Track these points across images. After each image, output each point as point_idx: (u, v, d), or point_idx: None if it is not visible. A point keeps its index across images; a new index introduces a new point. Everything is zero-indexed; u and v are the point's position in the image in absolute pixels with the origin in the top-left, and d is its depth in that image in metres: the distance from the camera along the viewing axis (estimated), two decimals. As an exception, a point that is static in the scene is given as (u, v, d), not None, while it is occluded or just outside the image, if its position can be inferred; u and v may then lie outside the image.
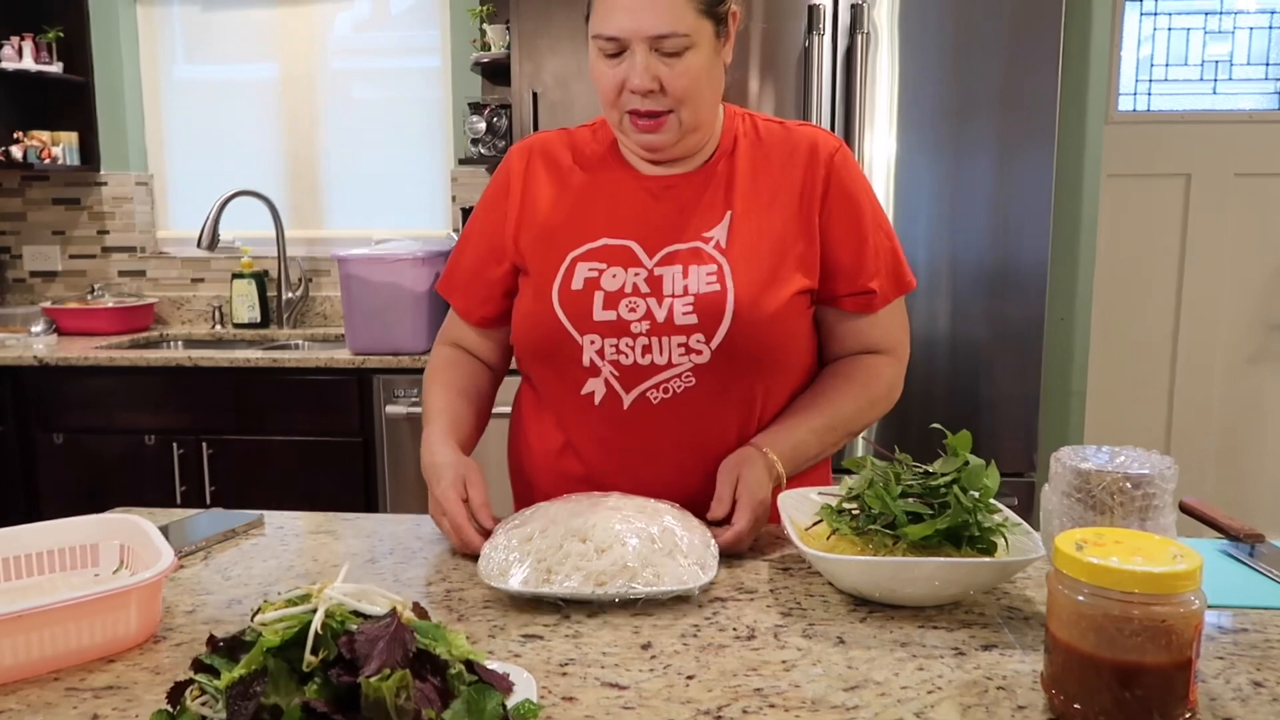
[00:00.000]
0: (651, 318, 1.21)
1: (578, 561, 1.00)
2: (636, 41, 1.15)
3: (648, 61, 1.15)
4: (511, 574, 1.00)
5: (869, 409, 1.30)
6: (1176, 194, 3.25)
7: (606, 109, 1.22)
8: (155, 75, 3.49)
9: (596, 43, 1.18)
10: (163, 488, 2.78)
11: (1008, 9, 2.29)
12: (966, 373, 2.42)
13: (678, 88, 1.17)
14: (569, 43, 2.86)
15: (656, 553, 1.00)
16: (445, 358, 1.40)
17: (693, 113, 1.20)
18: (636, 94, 1.17)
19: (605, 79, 1.19)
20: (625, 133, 1.23)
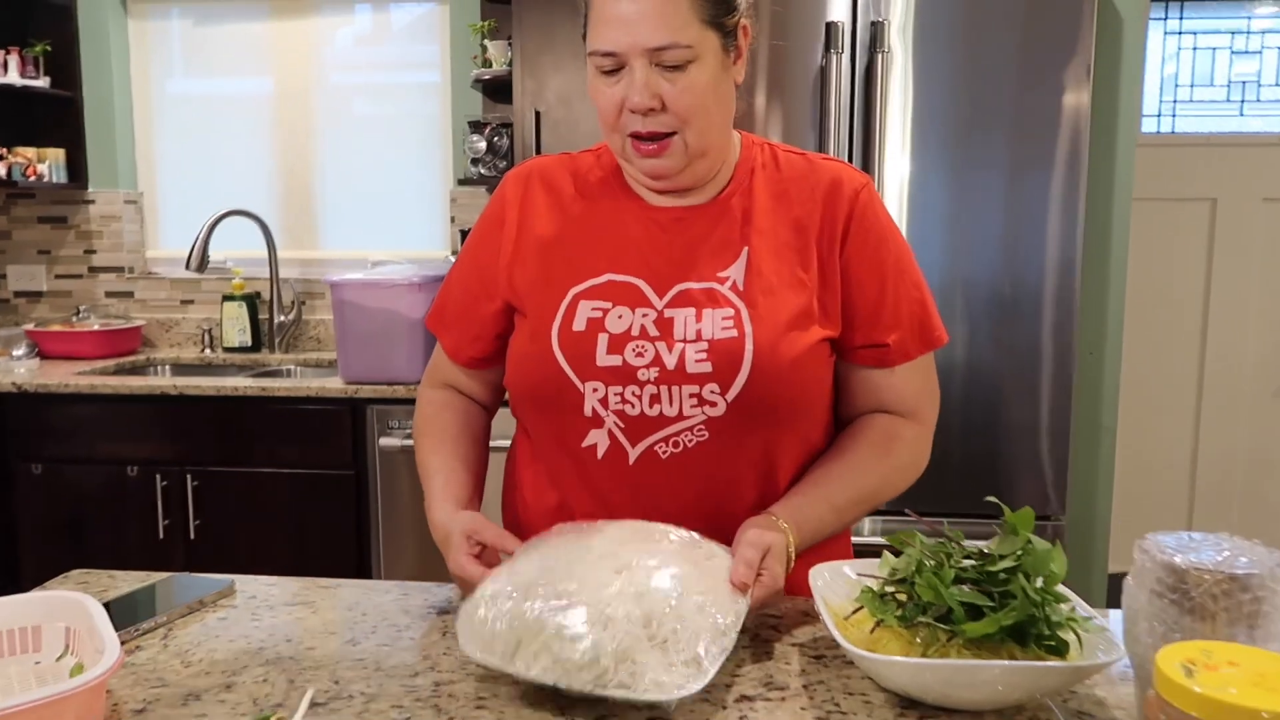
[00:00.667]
0: (661, 364, 1.09)
1: (549, 641, 0.86)
2: (635, 56, 1.04)
3: (648, 77, 1.04)
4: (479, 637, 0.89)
5: (894, 479, 1.18)
6: (1202, 219, 3.13)
7: (608, 133, 1.11)
8: (146, 90, 3.38)
9: (594, 60, 1.07)
10: (145, 521, 2.66)
11: (1028, 27, 2.18)
12: (984, 404, 2.29)
13: (681, 105, 1.06)
14: (573, 60, 2.75)
15: (641, 641, 0.85)
16: (435, 403, 1.28)
17: (699, 135, 1.09)
18: (637, 113, 1.06)
19: (604, 99, 1.08)
20: (628, 159, 1.11)
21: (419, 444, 1.25)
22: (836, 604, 0.98)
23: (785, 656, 0.97)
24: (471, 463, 1.21)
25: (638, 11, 1.03)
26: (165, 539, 2.66)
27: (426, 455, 1.22)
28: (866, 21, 2.20)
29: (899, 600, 0.92)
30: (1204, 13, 3.08)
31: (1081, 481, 2.49)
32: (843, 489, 1.14)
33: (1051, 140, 2.21)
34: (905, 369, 1.17)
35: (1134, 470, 3.13)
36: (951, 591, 0.87)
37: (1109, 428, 2.48)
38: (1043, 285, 2.25)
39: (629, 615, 0.86)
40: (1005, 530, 0.92)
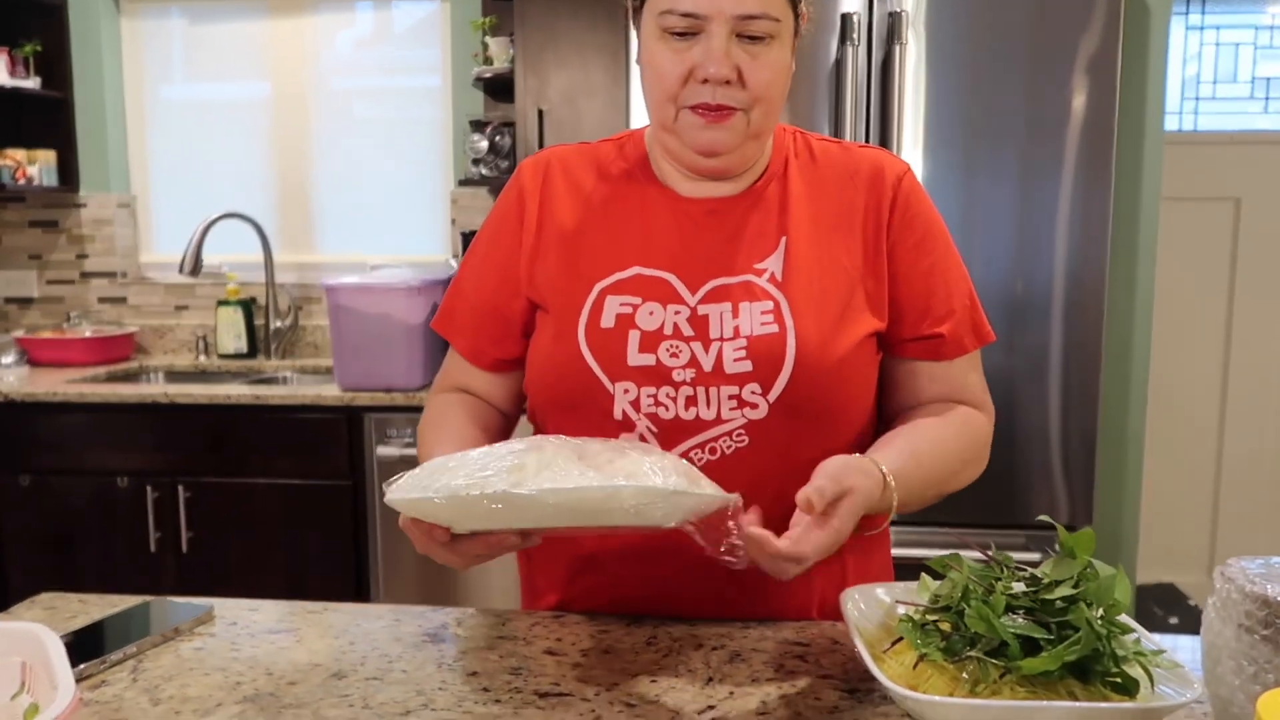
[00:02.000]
0: (697, 365, 1.00)
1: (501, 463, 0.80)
2: (718, 22, 0.95)
3: (728, 46, 0.95)
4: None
5: (970, 461, 1.07)
6: (1225, 219, 3.04)
7: (660, 103, 1.00)
8: (139, 91, 3.30)
9: (665, 20, 0.97)
10: (135, 534, 2.57)
11: (1048, 19, 2.09)
12: (1004, 410, 2.19)
13: (758, 81, 0.97)
14: (576, 57, 2.67)
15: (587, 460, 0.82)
16: (444, 402, 1.16)
17: (764, 116, 1.00)
18: (710, 84, 0.96)
19: (668, 65, 0.98)
20: (679, 131, 1.00)
21: (421, 443, 1.12)
22: (871, 632, 0.89)
23: (815, 691, 0.88)
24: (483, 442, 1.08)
25: None
26: (156, 552, 2.57)
27: (429, 445, 1.08)
28: (883, 13, 2.11)
29: (942, 630, 0.83)
30: (1226, 8, 2.99)
31: (1108, 490, 2.39)
32: (927, 452, 1.01)
33: (1074, 137, 2.12)
34: (962, 362, 1.08)
35: (1156, 476, 3.04)
36: (1004, 622, 0.78)
37: (1136, 436, 2.39)
38: (1065, 287, 2.16)
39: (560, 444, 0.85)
40: (1061, 552, 0.83)
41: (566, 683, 0.90)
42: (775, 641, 0.99)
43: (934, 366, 1.07)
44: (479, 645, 0.99)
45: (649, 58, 1.00)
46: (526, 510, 0.80)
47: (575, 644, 0.99)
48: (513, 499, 0.78)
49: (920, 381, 1.08)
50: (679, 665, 0.93)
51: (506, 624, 1.04)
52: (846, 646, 0.97)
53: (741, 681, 0.90)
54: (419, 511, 0.84)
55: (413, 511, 0.85)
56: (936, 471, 1.03)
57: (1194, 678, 0.75)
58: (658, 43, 0.99)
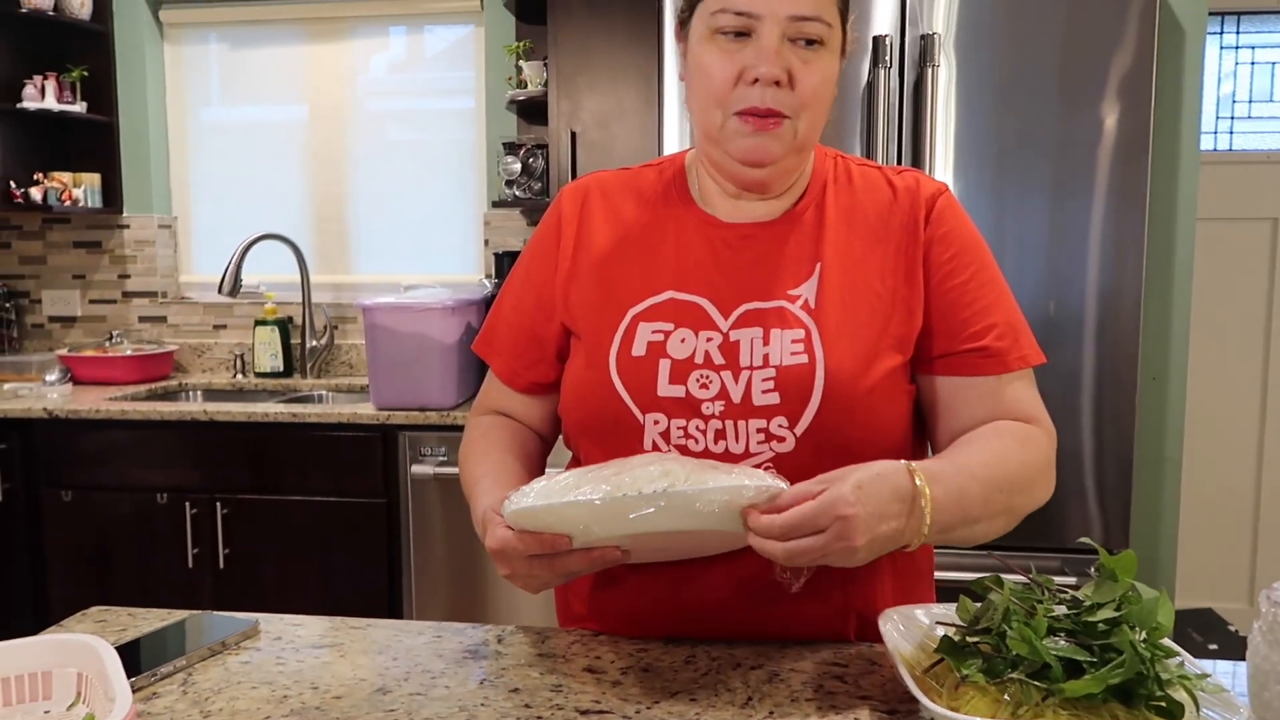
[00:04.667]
0: (726, 396, 1.01)
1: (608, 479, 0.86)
2: (771, 21, 0.96)
3: (779, 47, 0.96)
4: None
5: (1032, 477, 0.99)
6: (1263, 239, 3.01)
7: (709, 108, 1.00)
8: (181, 115, 3.38)
9: (718, 19, 0.98)
10: (174, 550, 2.61)
11: (1081, 40, 2.09)
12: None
13: (808, 86, 0.98)
14: (608, 80, 2.70)
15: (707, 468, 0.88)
16: (483, 425, 1.17)
17: (810, 125, 1.01)
18: (760, 84, 0.96)
19: (719, 66, 0.98)
20: (726, 139, 1.00)
21: (464, 465, 1.14)
22: (909, 654, 0.89)
23: (854, 711, 0.89)
24: (524, 473, 1.10)
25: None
26: (194, 568, 2.61)
27: (471, 469, 1.10)
28: (915, 35, 2.12)
29: (982, 652, 0.83)
30: (1262, 27, 2.98)
31: (1144, 514, 2.37)
32: (981, 465, 0.96)
33: (1107, 157, 2.11)
34: (1014, 378, 1.04)
35: (1194, 500, 3.00)
36: (1047, 644, 0.78)
37: (1173, 459, 2.36)
38: (1099, 308, 2.15)
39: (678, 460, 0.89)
40: (1103, 575, 0.83)
41: (607, 700, 0.91)
42: (813, 662, 0.99)
43: (979, 383, 1.03)
44: (520, 662, 1.00)
45: (697, 61, 1.01)
46: (670, 511, 0.84)
47: (614, 662, 1.00)
48: (670, 499, 0.83)
49: (966, 398, 1.04)
50: (718, 685, 0.94)
51: (546, 641, 1.05)
52: (885, 668, 0.97)
53: (780, 702, 0.90)
54: (558, 518, 0.86)
55: (551, 519, 0.87)
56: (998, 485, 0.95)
57: (1239, 703, 0.75)
58: (708, 44, 0.99)
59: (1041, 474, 1.02)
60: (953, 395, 1.05)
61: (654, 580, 1.05)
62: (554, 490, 0.86)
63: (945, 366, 1.05)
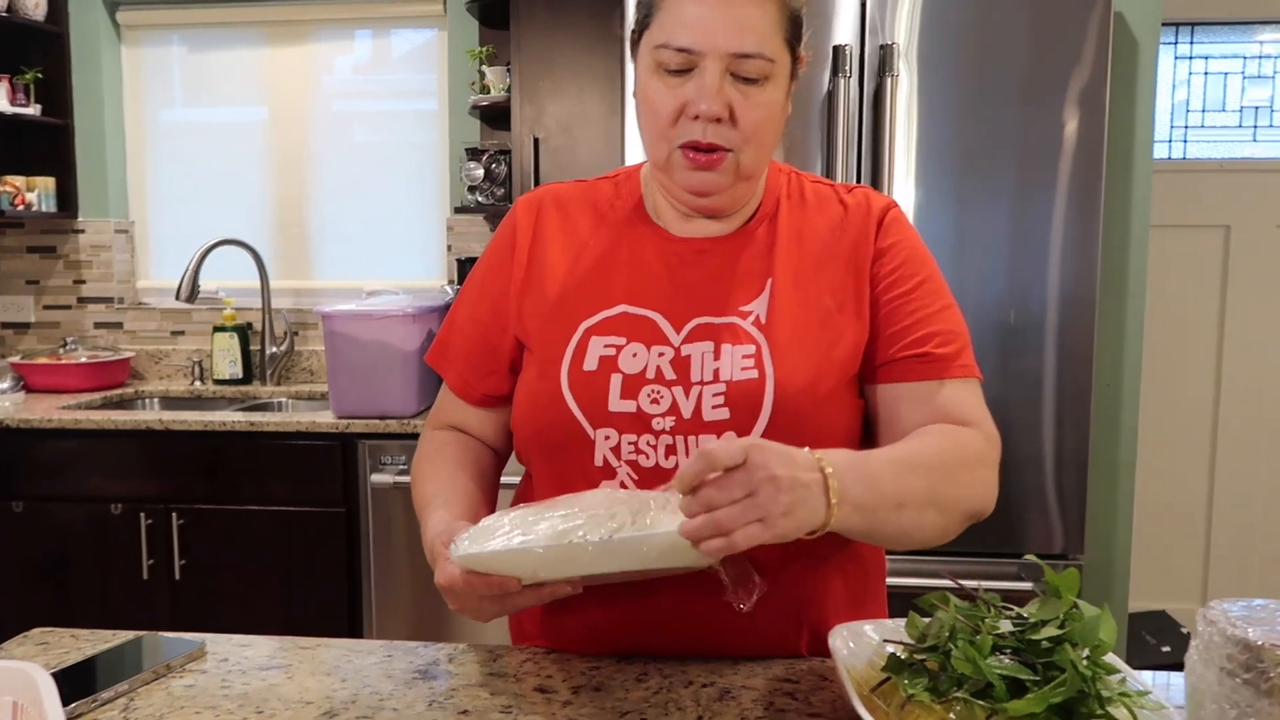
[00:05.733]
0: (677, 412, 1.01)
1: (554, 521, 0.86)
2: (712, 58, 0.96)
3: (721, 84, 0.96)
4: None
5: (956, 467, 0.98)
6: (1215, 247, 3.07)
7: (654, 140, 1.02)
8: (139, 118, 3.32)
9: (660, 54, 0.98)
10: (129, 561, 2.57)
11: (1038, 50, 2.12)
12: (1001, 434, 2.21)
13: (750, 121, 0.98)
14: (573, 86, 2.69)
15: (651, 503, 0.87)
16: (436, 441, 1.17)
17: (754, 157, 1.01)
18: (701, 120, 0.97)
19: (662, 99, 0.99)
20: (672, 170, 1.02)
21: (415, 482, 1.14)
22: (860, 671, 0.89)
23: (804, 730, 0.89)
24: (476, 491, 1.10)
25: (727, 12, 0.96)
26: (150, 579, 2.57)
27: (423, 488, 1.11)
28: (875, 45, 2.14)
29: (929, 670, 0.83)
30: (1215, 38, 3.03)
31: (1099, 518, 2.40)
32: (892, 449, 0.96)
33: (1063, 166, 2.14)
34: (956, 385, 1.03)
35: (1148, 503, 3.04)
36: (990, 663, 0.78)
37: (1127, 463, 2.40)
38: (1056, 314, 2.17)
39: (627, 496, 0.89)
40: (1047, 592, 0.83)
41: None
42: (765, 679, 0.99)
43: (919, 388, 1.03)
44: (470, 682, 0.99)
45: (643, 92, 1.02)
46: (616, 554, 0.84)
47: (566, 682, 0.99)
48: (615, 545, 0.83)
49: (906, 405, 1.03)
50: (669, 703, 0.94)
51: (498, 660, 1.05)
52: (836, 684, 0.98)
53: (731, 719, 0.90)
54: (505, 563, 0.86)
55: (498, 564, 0.87)
56: (913, 464, 0.94)
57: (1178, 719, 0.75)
58: (652, 77, 1.00)
59: (970, 468, 0.99)
60: (894, 402, 1.05)
61: (606, 598, 1.04)
62: (500, 535, 0.86)
63: (887, 374, 1.05)
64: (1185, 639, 2.67)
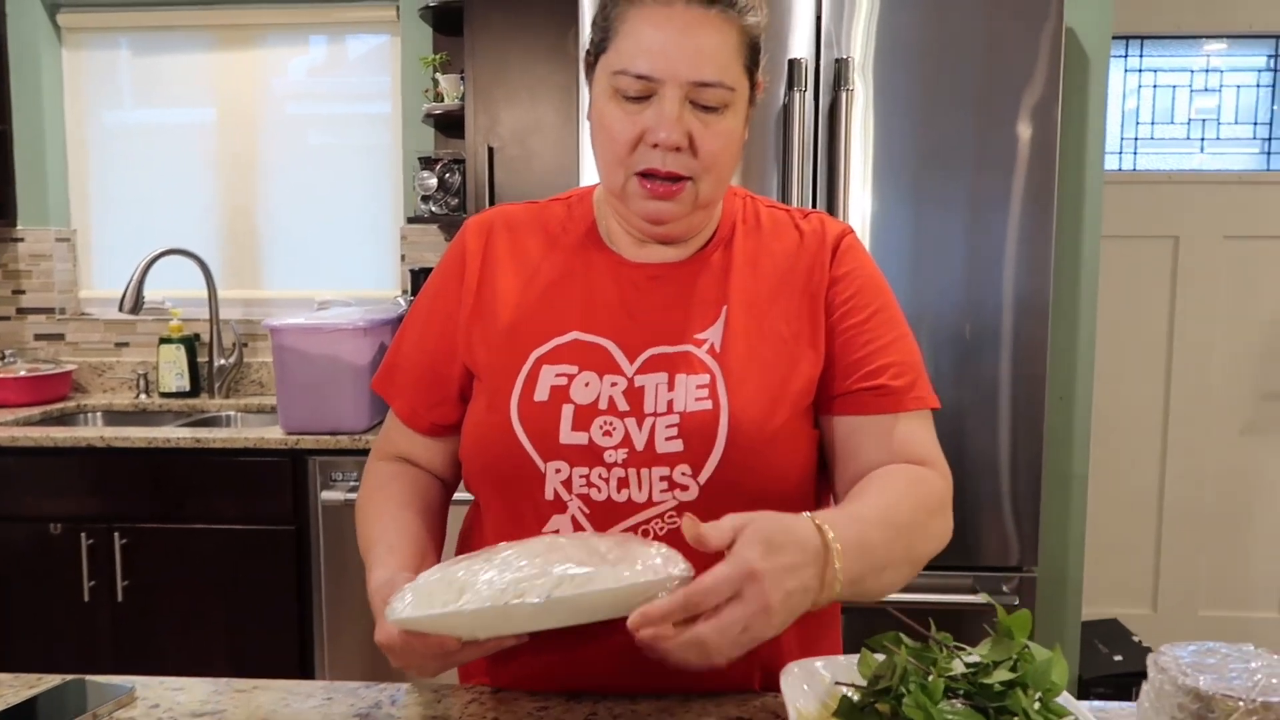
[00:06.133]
0: (630, 444, 0.98)
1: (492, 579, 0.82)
2: (672, 85, 0.94)
3: (680, 112, 0.94)
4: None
5: (926, 521, 0.97)
6: (1164, 257, 3.11)
7: (611, 166, 0.99)
8: (81, 123, 3.23)
9: (618, 81, 0.96)
10: (69, 583, 2.48)
11: (992, 65, 2.13)
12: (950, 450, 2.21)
13: (709, 151, 0.96)
14: (527, 95, 2.66)
15: (594, 559, 0.84)
16: (382, 474, 1.13)
17: (713, 186, 0.99)
18: (660, 149, 0.95)
19: (620, 126, 0.96)
20: (628, 198, 0.99)
21: (360, 521, 1.10)
22: (810, 712, 0.88)
23: (755, 774, 0.87)
24: (422, 532, 1.07)
25: (687, 39, 0.93)
26: (91, 601, 2.49)
27: (368, 526, 1.07)
28: (830, 59, 2.13)
29: (880, 712, 0.82)
30: (1163, 51, 3.08)
31: (1053, 530, 2.42)
32: (873, 511, 0.93)
33: (1017, 178, 2.15)
34: (910, 419, 1.02)
35: (1099, 513, 3.08)
36: (942, 708, 0.77)
37: (1080, 475, 2.42)
38: (1010, 324, 2.18)
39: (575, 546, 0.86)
40: (999, 633, 0.82)
41: (501, 769, 0.87)
42: (717, 717, 0.97)
43: (874, 422, 1.02)
44: (412, 727, 0.96)
45: (600, 117, 0.99)
46: (556, 612, 0.81)
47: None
48: (554, 605, 0.80)
49: (862, 439, 1.02)
50: (618, 746, 0.91)
51: (442, 700, 1.02)
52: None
53: (681, 764, 0.88)
54: (442, 625, 0.83)
55: (435, 626, 0.83)
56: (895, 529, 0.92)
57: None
58: (609, 103, 0.97)
59: (935, 517, 1.00)
60: (849, 435, 1.03)
61: (554, 635, 1.02)
62: (436, 597, 0.82)
63: (842, 405, 1.04)
64: (1137, 646, 2.71)
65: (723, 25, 0.95)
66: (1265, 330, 3.09)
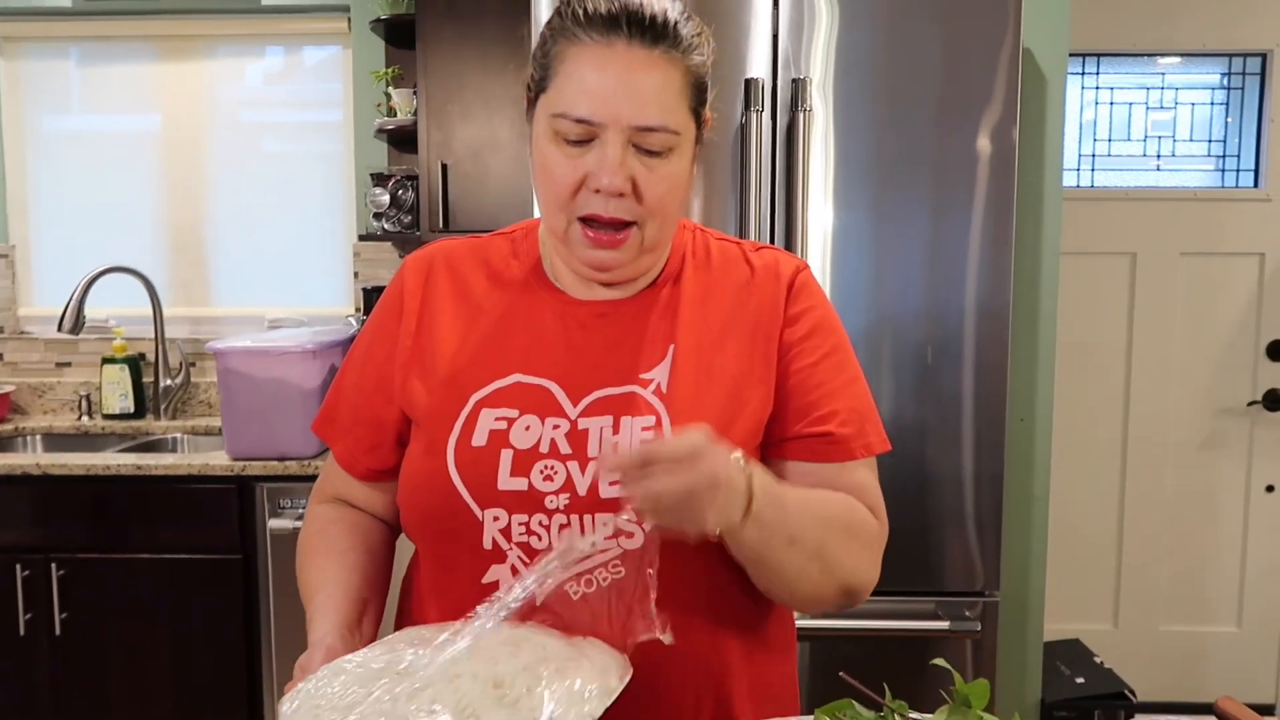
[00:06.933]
0: (572, 488, 0.95)
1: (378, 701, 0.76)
2: (614, 129, 0.90)
3: (623, 156, 0.91)
4: None
5: (850, 537, 0.97)
6: (1122, 273, 3.12)
7: (552, 210, 0.95)
8: (19, 134, 3.12)
9: (558, 124, 0.92)
10: (3, 616, 2.38)
11: (950, 84, 2.11)
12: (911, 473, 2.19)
13: (654, 195, 0.93)
14: (482, 110, 2.61)
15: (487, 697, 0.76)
16: (322, 518, 1.10)
17: (659, 229, 0.96)
18: (603, 194, 0.91)
19: (561, 170, 0.93)
20: (571, 244, 0.96)
21: (300, 566, 1.06)
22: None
23: None
24: (364, 577, 1.03)
25: (630, 82, 0.90)
26: (27, 635, 2.39)
27: (307, 574, 1.04)
28: (787, 79, 2.10)
29: (835, 786, 0.78)
30: (1119, 69, 3.09)
31: (1014, 554, 2.40)
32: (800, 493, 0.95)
33: (977, 196, 2.13)
34: (857, 466, 1.01)
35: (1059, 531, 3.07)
36: (897, 786, 0.73)
37: (1041, 497, 2.40)
38: (972, 343, 2.16)
39: (475, 674, 0.79)
40: (956, 700, 0.79)
41: None
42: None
43: (821, 469, 1.00)
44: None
45: (541, 159, 0.95)
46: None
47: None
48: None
49: (809, 483, 1.00)
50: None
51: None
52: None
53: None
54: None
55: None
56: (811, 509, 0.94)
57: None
58: (550, 145, 0.94)
59: (862, 542, 0.99)
60: (796, 480, 1.01)
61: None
62: (324, 706, 0.77)
63: (790, 450, 1.02)
64: (1097, 668, 2.70)
65: (666, 66, 0.92)
66: (1221, 346, 3.11)
